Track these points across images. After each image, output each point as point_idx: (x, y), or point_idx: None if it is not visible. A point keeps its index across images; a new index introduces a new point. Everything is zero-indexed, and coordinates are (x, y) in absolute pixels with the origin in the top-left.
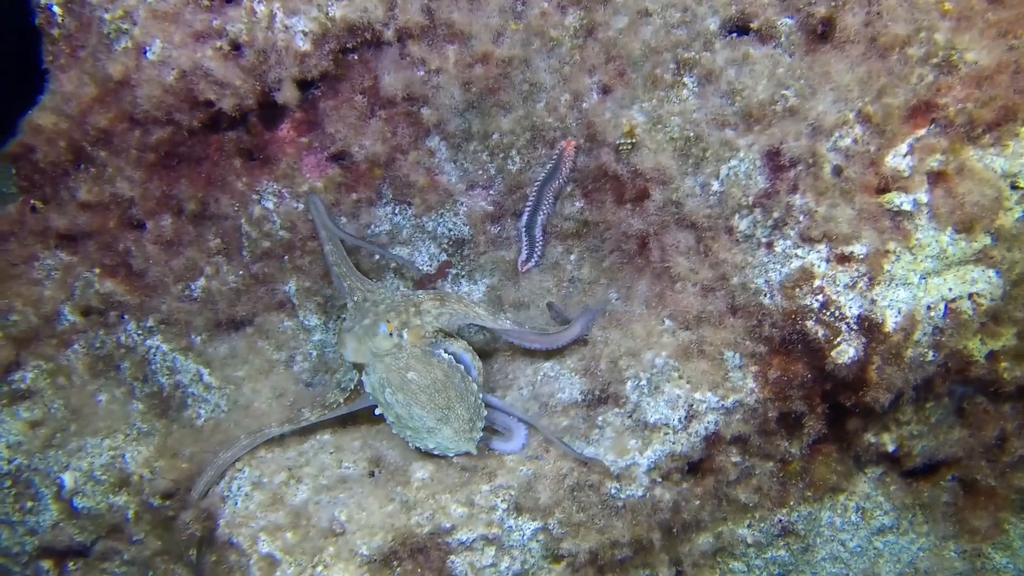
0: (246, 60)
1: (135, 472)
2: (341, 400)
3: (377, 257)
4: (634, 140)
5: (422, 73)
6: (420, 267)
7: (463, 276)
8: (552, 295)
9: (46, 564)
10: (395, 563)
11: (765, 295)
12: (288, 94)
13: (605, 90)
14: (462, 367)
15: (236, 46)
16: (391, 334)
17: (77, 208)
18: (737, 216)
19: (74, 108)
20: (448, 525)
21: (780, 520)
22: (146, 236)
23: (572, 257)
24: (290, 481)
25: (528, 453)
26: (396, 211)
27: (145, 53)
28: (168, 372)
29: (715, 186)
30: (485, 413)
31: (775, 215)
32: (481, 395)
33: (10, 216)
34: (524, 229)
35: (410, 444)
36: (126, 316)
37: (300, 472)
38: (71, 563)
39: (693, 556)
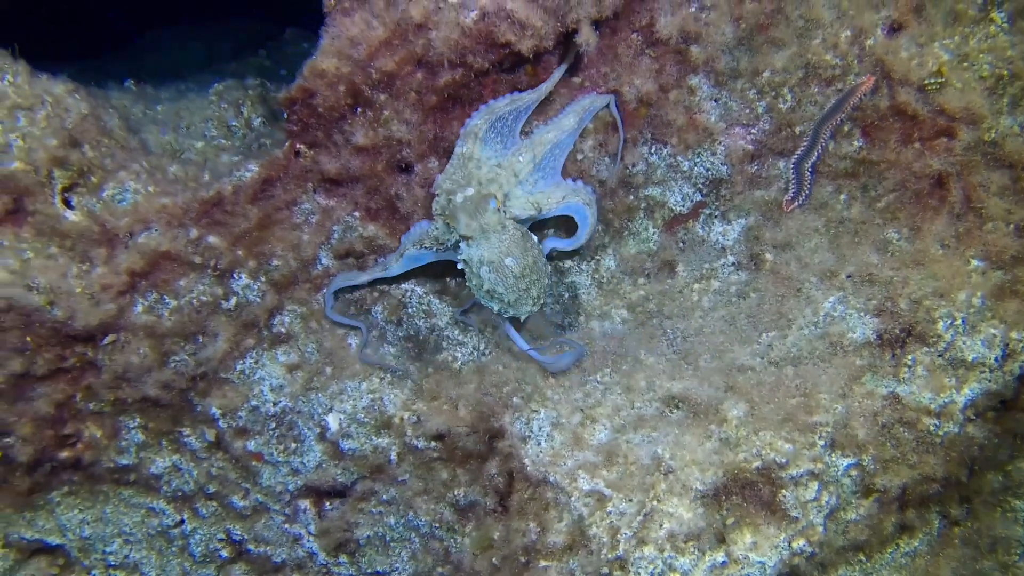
0: (552, 1)
1: (395, 414)
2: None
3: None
4: (943, 79)
5: (694, 9)
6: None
7: (716, 216)
8: (820, 234)
9: (305, 503)
10: (723, 498)
11: None
12: (587, 35)
13: (894, 27)
14: (540, 246)
15: None
16: (499, 209)
17: (351, 152)
18: None
19: (363, 52)
20: (783, 460)
21: None
22: (414, 179)
23: (842, 197)
24: (586, 422)
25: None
26: (652, 151)
27: None
28: (425, 315)
29: None
30: (550, 290)
31: None
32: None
33: (278, 160)
34: (794, 166)
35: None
36: (381, 260)
37: (594, 412)
38: (328, 503)
39: (983, 495)
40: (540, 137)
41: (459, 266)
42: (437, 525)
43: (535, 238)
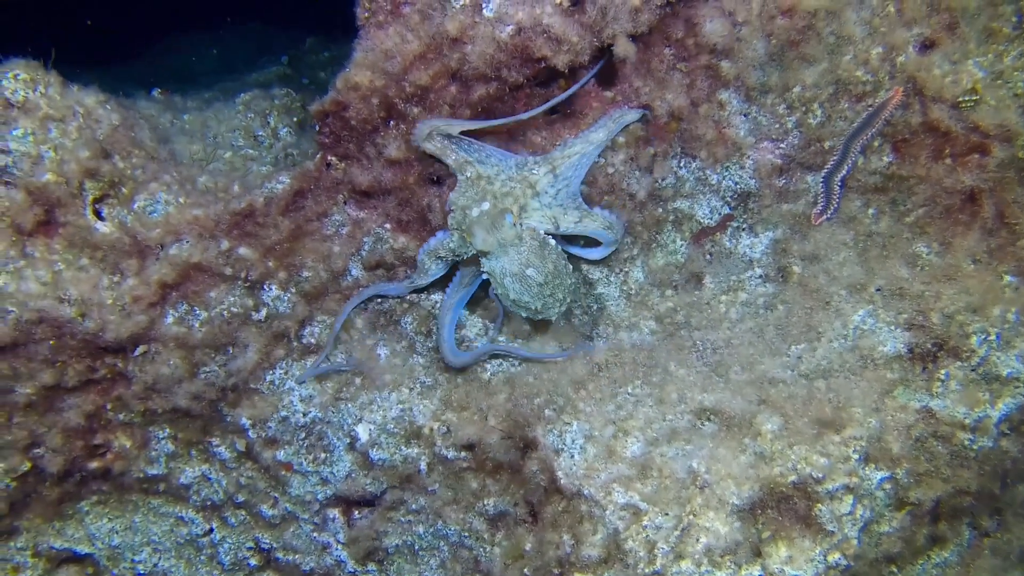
0: (588, 16)
1: (425, 425)
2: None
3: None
4: (977, 97)
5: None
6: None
7: (744, 229)
8: (848, 248)
9: (334, 512)
10: (759, 512)
11: None
12: (624, 47)
13: (927, 44)
14: (560, 248)
15: (575, 1)
16: (515, 224)
17: (383, 164)
18: None
19: (397, 65)
20: (819, 475)
21: None
22: (445, 191)
23: (871, 211)
24: (618, 434)
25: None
26: (681, 164)
27: (483, 9)
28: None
29: None
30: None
31: None
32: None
33: (309, 172)
34: (824, 180)
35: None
36: (412, 272)
37: (626, 425)
38: (358, 511)
39: (1014, 506)
40: (565, 150)
41: (483, 276)
42: (467, 534)
43: (552, 241)
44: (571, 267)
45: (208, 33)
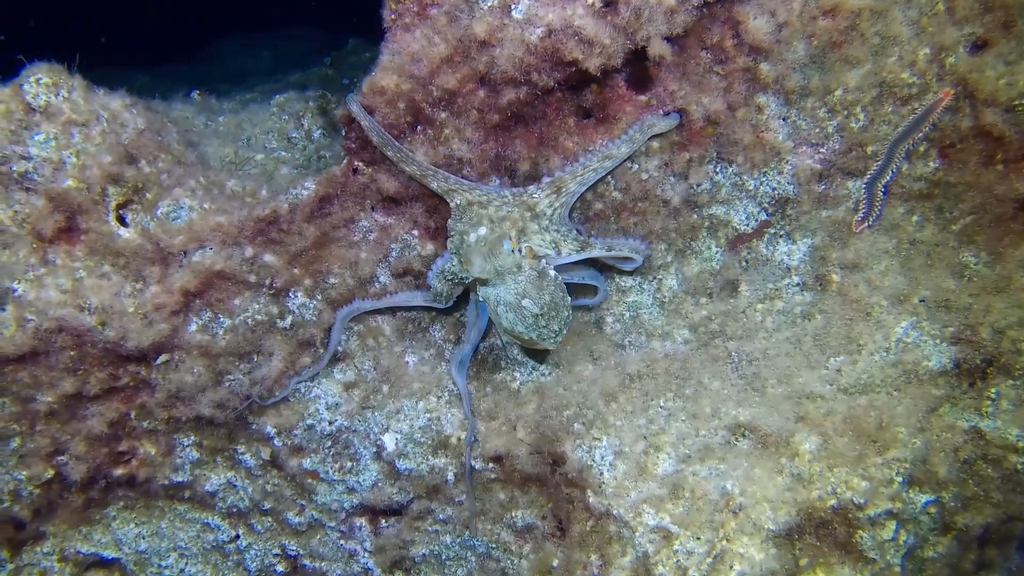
0: (621, 18)
1: (453, 435)
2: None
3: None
4: None
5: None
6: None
7: (781, 236)
8: (891, 256)
9: (360, 520)
10: (796, 537)
11: None
12: (659, 48)
13: (979, 44)
14: (560, 279)
15: (608, 3)
16: (513, 251)
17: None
18: None
19: (424, 69)
20: (861, 500)
21: None
22: None
23: (915, 218)
24: (650, 450)
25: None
26: (717, 169)
27: (512, 11)
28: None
29: None
30: (571, 319)
31: None
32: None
33: (335, 178)
34: (867, 186)
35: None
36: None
37: (658, 440)
38: (384, 520)
39: None
40: (577, 168)
41: (480, 301)
42: (494, 545)
43: (552, 272)
44: (569, 299)
45: (261, 36)
